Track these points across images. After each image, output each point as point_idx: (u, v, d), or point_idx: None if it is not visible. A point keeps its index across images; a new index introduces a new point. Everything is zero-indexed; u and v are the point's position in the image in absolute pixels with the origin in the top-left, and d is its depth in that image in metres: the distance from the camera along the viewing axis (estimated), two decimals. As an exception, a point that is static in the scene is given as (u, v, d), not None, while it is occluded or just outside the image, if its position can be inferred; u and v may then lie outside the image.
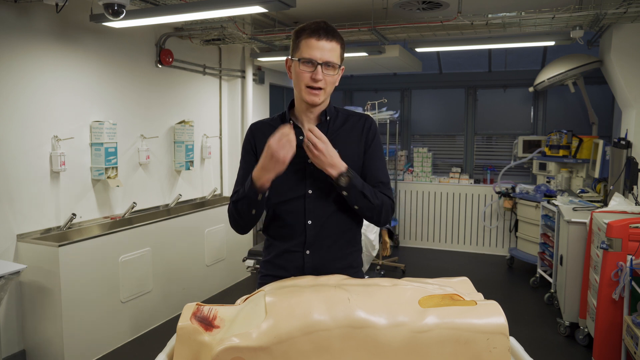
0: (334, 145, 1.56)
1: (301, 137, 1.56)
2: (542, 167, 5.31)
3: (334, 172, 1.49)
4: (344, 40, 1.58)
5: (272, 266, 1.67)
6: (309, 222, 1.58)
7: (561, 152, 5.03)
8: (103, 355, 3.32)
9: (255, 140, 1.67)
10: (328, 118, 1.63)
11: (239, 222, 1.66)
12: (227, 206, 1.83)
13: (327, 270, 1.56)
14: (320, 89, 1.53)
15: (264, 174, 1.49)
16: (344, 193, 1.52)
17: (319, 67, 1.50)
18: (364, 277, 1.66)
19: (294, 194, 1.59)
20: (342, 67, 1.61)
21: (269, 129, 1.60)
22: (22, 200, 3.17)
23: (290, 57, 1.59)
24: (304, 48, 1.52)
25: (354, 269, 1.65)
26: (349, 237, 1.65)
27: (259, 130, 1.68)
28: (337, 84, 1.61)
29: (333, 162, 1.49)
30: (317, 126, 1.61)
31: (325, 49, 1.50)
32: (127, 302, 3.52)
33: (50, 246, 3.02)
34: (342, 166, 1.50)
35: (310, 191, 1.58)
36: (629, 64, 4.06)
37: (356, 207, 1.55)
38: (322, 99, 1.56)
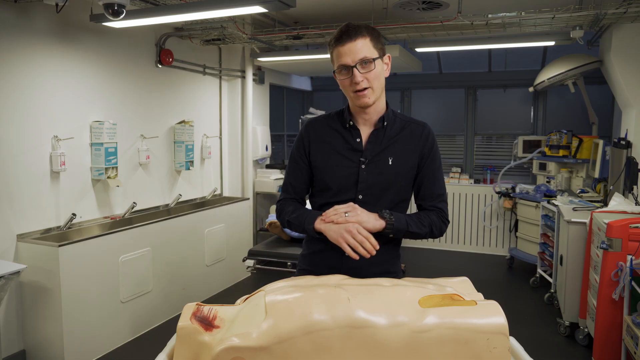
0: (389, 152, 1.58)
1: (358, 139, 1.59)
2: (542, 167, 5.31)
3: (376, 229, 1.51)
4: (375, 31, 1.54)
5: (309, 262, 1.69)
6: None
7: (561, 152, 5.03)
8: (103, 355, 3.32)
9: (309, 138, 1.66)
10: (385, 124, 1.61)
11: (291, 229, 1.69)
12: (227, 207, 1.86)
13: (362, 273, 1.52)
14: (365, 89, 1.52)
15: (324, 233, 1.53)
16: (391, 236, 1.55)
17: (354, 69, 1.49)
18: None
19: (344, 197, 1.59)
20: (387, 55, 1.58)
21: (326, 130, 1.63)
22: (22, 200, 3.17)
23: (334, 71, 1.58)
24: (336, 58, 1.52)
25: (391, 274, 1.62)
26: (391, 245, 1.64)
27: (313, 128, 1.67)
28: (386, 74, 1.58)
29: (375, 224, 1.50)
30: (373, 132, 1.61)
31: (353, 51, 1.48)
32: (127, 302, 3.52)
33: (50, 246, 3.02)
34: (380, 224, 1.51)
35: (360, 196, 1.57)
36: (629, 64, 4.06)
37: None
38: (372, 98, 1.54)
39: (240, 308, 1.28)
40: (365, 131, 1.61)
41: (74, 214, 3.44)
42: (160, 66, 4.26)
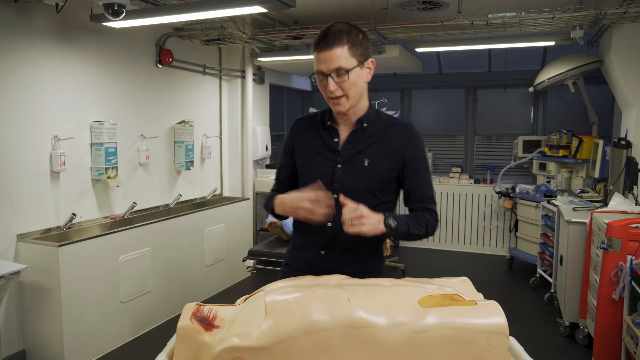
0: (366, 154, 1.57)
1: (336, 139, 1.60)
2: (542, 167, 5.31)
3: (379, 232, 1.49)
4: (355, 37, 1.50)
5: (290, 256, 1.74)
6: (329, 224, 1.58)
7: (561, 152, 5.03)
8: (103, 355, 3.32)
9: (294, 135, 1.70)
10: (365, 125, 1.60)
11: None
12: (227, 207, 1.91)
13: (340, 272, 1.53)
14: (340, 97, 1.51)
15: (282, 210, 1.57)
16: (391, 237, 1.55)
17: (329, 78, 1.49)
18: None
19: None
20: (370, 60, 1.55)
21: (309, 128, 1.66)
22: (22, 200, 3.17)
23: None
24: (316, 62, 1.52)
25: (370, 274, 1.58)
26: (367, 244, 1.63)
27: (298, 127, 1.71)
28: (367, 79, 1.56)
29: (376, 229, 1.46)
30: (352, 133, 1.60)
31: (328, 59, 1.47)
32: (127, 302, 3.52)
33: (50, 246, 3.02)
34: (382, 227, 1.47)
35: (335, 195, 1.56)
36: (629, 64, 4.06)
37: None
38: (347, 106, 1.54)
39: (240, 308, 1.28)
40: (344, 131, 1.62)
41: (74, 214, 3.44)
42: (160, 66, 4.26)
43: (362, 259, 1.64)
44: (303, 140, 1.66)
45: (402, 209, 1.66)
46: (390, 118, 1.65)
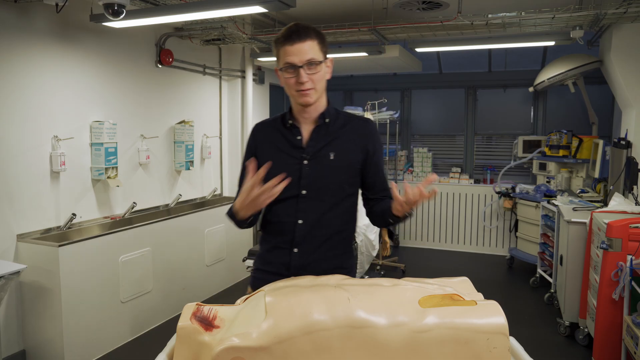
0: (331, 148, 1.61)
1: (299, 137, 1.63)
2: (542, 167, 5.31)
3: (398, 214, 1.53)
4: (322, 34, 1.58)
5: (262, 260, 1.73)
6: (300, 221, 1.61)
7: (561, 152, 5.03)
8: (103, 355, 3.32)
9: (255, 142, 1.71)
10: (327, 120, 1.65)
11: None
12: (227, 207, 1.88)
13: (313, 269, 1.57)
14: (310, 89, 1.55)
15: (242, 211, 1.54)
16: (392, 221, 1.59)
17: (301, 70, 1.52)
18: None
19: (288, 194, 1.59)
20: (329, 59, 1.61)
21: (270, 131, 1.68)
22: (22, 200, 3.17)
23: (278, 68, 1.60)
24: (282, 55, 1.54)
25: (343, 270, 1.64)
26: (339, 239, 1.66)
27: (259, 131, 1.73)
28: (328, 77, 1.62)
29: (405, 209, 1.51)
30: (315, 129, 1.64)
31: (301, 51, 1.51)
32: (127, 302, 3.52)
33: (50, 246, 3.02)
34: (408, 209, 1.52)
35: (304, 192, 1.60)
36: (629, 64, 4.06)
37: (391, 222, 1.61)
38: (314, 97, 1.58)
39: (240, 308, 1.28)
40: (306, 129, 1.65)
41: (74, 214, 3.44)
42: (160, 66, 4.26)
43: (334, 254, 1.65)
44: (266, 143, 1.68)
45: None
46: (347, 114, 1.72)
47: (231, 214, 1.64)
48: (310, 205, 1.60)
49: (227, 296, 4.48)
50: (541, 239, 4.62)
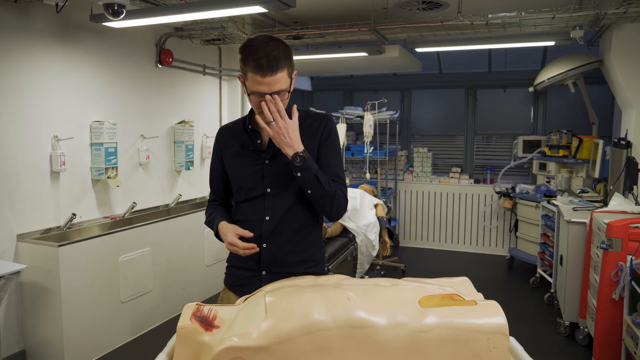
0: None
1: (259, 141, 1.70)
2: (542, 167, 5.31)
3: (290, 152, 1.55)
4: (289, 56, 1.58)
5: (234, 258, 1.81)
6: (267, 218, 1.68)
7: (561, 152, 5.03)
8: (103, 355, 3.32)
9: (217, 145, 1.81)
10: None
11: None
12: None
13: (282, 263, 1.68)
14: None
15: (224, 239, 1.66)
16: (298, 174, 1.57)
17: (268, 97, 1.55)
18: (325, 271, 1.76)
19: (254, 193, 1.69)
20: (294, 72, 1.64)
21: (232, 135, 1.76)
22: (22, 200, 3.17)
23: (241, 75, 1.61)
24: (251, 81, 1.55)
25: (312, 262, 1.74)
26: (305, 232, 1.73)
27: (222, 136, 1.80)
28: (291, 89, 1.65)
29: (292, 143, 1.55)
30: None
31: (271, 83, 1.52)
32: (127, 302, 3.52)
33: (50, 246, 3.02)
34: (299, 147, 1.56)
35: (269, 189, 1.67)
36: (629, 64, 4.06)
37: (309, 191, 1.60)
38: None
39: (240, 308, 1.28)
40: (266, 132, 1.67)
41: (74, 214, 3.44)
42: (160, 66, 4.26)
43: (302, 247, 1.72)
44: (228, 147, 1.76)
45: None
46: (305, 111, 1.76)
47: (213, 230, 1.79)
48: (276, 203, 1.67)
49: (227, 296, 4.47)
50: (541, 239, 4.62)
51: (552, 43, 4.48)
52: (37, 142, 3.24)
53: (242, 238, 1.62)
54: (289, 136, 1.55)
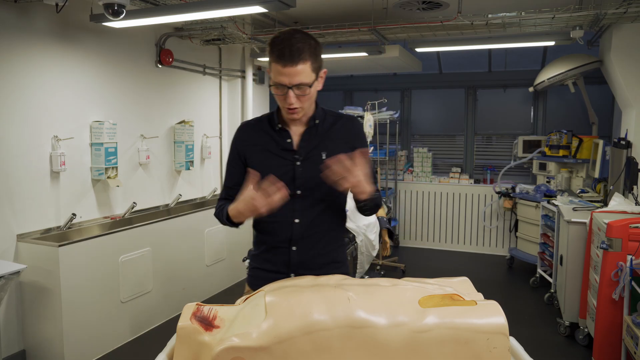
0: (323, 148, 1.65)
1: (288, 140, 1.65)
2: (542, 167, 5.31)
3: (368, 193, 1.53)
4: (316, 52, 1.55)
5: (260, 260, 1.75)
6: (296, 220, 1.64)
7: (561, 152, 5.03)
8: (103, 355, 3.32)
9: (241, 142, 1.73)
10: (317, 122, 1.68)
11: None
12: None
13: (312, 265, 1.64)
14: (296, 108, 1.57)
15: (240, 216, 1.57)
16: (364, 203, 1.59)
17: (290, 91, 1.52)
18: (348, 271, 1.73)
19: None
20: (323, 71, 1.60)
21: (256, 131, 1.70)
22: (22, 200, 3.17)
23: (268, 69, 1.59)
24: (274, 72, 1.53)
25: (338, 264, 1.73)
26: (333, 234, 1.72)
27: (245, 132, 1.74)
28: (319, 87, 1.62)
29: (370, 185, 1.52)
30: (306, 130, 1.67)
31: (291, 74, 1.50)
32: (127, 302, 3.52)
33: (50, 246, 3.02)
34: (372, 189, 1.54)
35: (299, 192, 1.63)
36: (629, 64, 4.06)
37: (364, 207, 1.62)
38: (301, 114, 1.61)
39: (240, 308, 1.28)
40: (296, 131, 1.67)
41: (74, 214, 3.44)
42: (160, 66, 4.26)
43: (330, 249, 1.71)
44: (253, 145, 1.69)
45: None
46: (334, 113, 1.75)
47: (223, 217, 1.66)
48: (306, 205, 1.64)
49: (227, 296, 4.48)
50: (541, 239, 4.62)
51: (552, 43, 4.48)
52: (37, 142, 3.24)
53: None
54: (365, 182, 1.50)
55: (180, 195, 4.53)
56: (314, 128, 1.67)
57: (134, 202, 3.92)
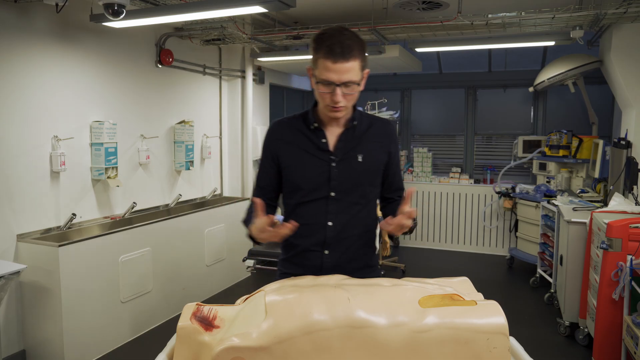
0: (360, 150, 1.62)
1: (324, 140, 1.61)
2: (542, 167, 5.31)
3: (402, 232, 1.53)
4: (364, 49, 1.52)
5: (290, 264, 1.69)
6: (329, 223, 1.60)
7: (561, 152, 5.03)
8: (103, 355, 3.32)
9: (274, 140, 1.68)
10: (355, 123, 1.64)
11: None
12: (227, 207, 1.89)
13: (344, 269, 1.58)
14: (342, 106, 1.52)
15: (261, 239, 1.53)
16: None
17: (337, 89, 1.48)
18: (381, 275, 1.69)
19: (316, 195, 1.60)
20: (366, 71, 1.56)
21: (289, 130, 1.65)
22: (22, 200, 3.17)
23: (311, 67, 1.55)
24: (322, 68, 1.48)
25: (370, 268, 1.70)
26: (366, 238, 1.68)
27: (279, 131, 1.69)
28: (362, 88, 1.58)
29: (406, 227, 1.51)
30: (343, 131, 1.63)
31: (342, 71, 1.45)
32: (127, 302, 3.52)
33: (50, 246, 3.02)
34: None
35: (333, 193, 1.60)
36: (629, 64, 4.06)
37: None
38: (344, 113, 1.58)
39: (240, 308, 1.28)
40: (332, 132, 1.64)
41: (74, 214, 3.44)
42: (160, 66, 4.26)
43: (361, 253, 1.67)
44: (287, 143, 1.65)
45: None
46: (370, 115, 1.73)
47: (247, 231, 1.62)
48: (339, 207, 1.60)
49: (227, 296, 4.48)
50: (541, 239, 4.62)
51: (552, 43, 4.48)
52: (37, 142, 3.24)
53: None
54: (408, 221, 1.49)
55: (180, 195, 4.53)
56: (351, 130, 1.63)
57: (134, 202, 3.92)
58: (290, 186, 1.65)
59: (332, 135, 1.63)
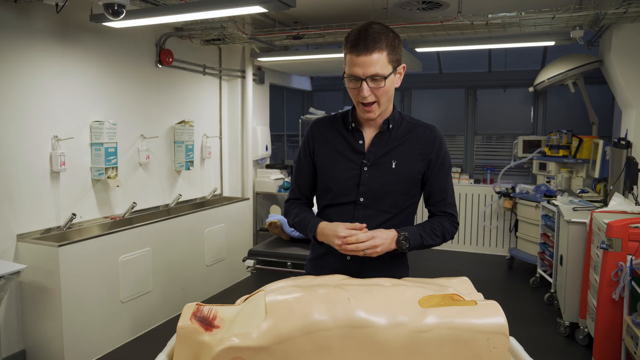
0: (393, 155, 1.54)
1: (361, 142, 1.57)
2: (542, 167, 5.31)
3: (393, 246, 1.50)
4: (394, 42, 1.46)
5: (313, 265, 1.68)
6: None
7: (561, 152, 5.03)
8: (103, 355, 3.32)
9: (314, 138, 1.65)
10: (391, 126, 1.58)
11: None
12: (227, 207, 1.87)
13: (366, 277, 1.51)
14: (372, 103, 1.48)
15: (321, 238, 1.53)
16: (406, 248, 1.53)
17: (364, 83, 1.43)
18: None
19: (344, 199, 1.57)
20: (402, 66, 1.51)
21: (330, 131, 1.62)
22: (22, 200, 3.17)
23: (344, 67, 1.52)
24: (348, 63, 1.46)
25: (396, 277, 1.57)
26: (397, 254, 1.61)
27: (318, 129, 1.66)
28: (397, 85, 1.52)
29: (389, 242, 1.48)
30: (377, 134, 1.57)
31: (366, 64, 1.41)
32: (127, 302, 3.52)
33: (50, 246, 3.02)
34: (393, 238, 1.49)
35: (362, 199, 1.55)
36: (629, 64, 4.06)
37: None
38: (377, 113, 1.51)
39: (240, 308, 1.28)
40: (369, 133, 1.58)
41: (74, 214, 3.44)
42: (160, 66, 4.26)
43: (386, 263, 1.61)
44: (324, 143, 1.61)
45: (423, 212, 1.64)
46: (412, 119, 1.63)
47: (304, 230, 1.61)
48: (367, 214, 1.55)
49: (227, 296, 4.48)
50: (541, 239, 4.62)
51: (552, 43, 4.48)
52: (37, 142, 3.24)
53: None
54: (383, 246, 1.46)
55: (180, 195, 4.53)
56: (386, 132, 1.56)
57: (134, 202, 3.92)
58: (322, 186, 1.63)
59: (368, 137, 1.58)
